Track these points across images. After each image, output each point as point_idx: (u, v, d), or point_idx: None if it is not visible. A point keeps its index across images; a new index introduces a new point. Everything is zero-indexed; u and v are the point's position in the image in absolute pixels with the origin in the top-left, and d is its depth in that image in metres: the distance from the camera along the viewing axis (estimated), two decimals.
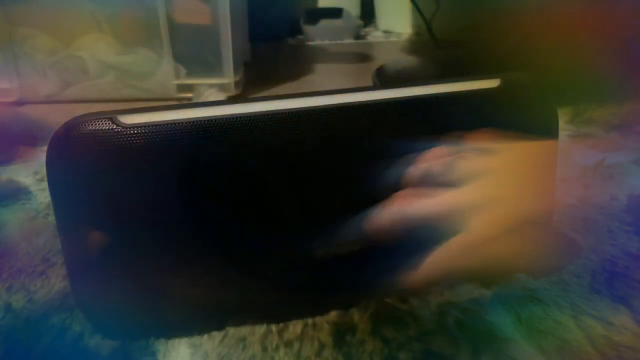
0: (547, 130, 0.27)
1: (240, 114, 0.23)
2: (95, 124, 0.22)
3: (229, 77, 0.67)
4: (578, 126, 0.51)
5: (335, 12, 1.19)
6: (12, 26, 0.64)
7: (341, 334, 0.25)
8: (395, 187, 0.24)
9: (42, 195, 0.39)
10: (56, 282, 0.29)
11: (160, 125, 0.22)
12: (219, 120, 0.23)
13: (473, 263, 0.24)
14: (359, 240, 0.25)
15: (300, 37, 1.15)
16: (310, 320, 0.26)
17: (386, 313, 0.26)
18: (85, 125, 0.22)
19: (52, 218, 0.36)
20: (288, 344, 0.25)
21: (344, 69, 0.90)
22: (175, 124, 0.22)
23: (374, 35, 1.19)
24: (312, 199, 0.24)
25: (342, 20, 1.18)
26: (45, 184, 0.23)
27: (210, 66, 0.67)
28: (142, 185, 0.23)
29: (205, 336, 0.25)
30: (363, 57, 0.98)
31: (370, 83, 0.73)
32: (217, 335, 0.25)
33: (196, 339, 0.25)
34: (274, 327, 0.26)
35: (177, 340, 0.25)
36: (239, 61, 0.70)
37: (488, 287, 0.28)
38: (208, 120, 0.22)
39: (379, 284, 0.27)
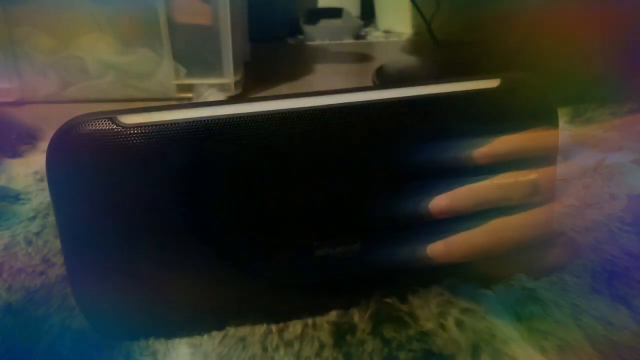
0: (547, 130, 0.27)
1: (240, 114, 0.23)
2: (95, 124, 0.22)
3: (229, 77, 0.67)
4: (578, 126, 0.51)
5: (335, 12, 1.19)
6: (12, 26, 0.64)
7: (341, 334, 0.25)
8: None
9: (42, 195, 0.39)
10: (56, 282, 0.29)
11: (160, 125, 0.22)
12: (219, 120, 0.23)
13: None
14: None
15: (300, 37, 1.15)
16: (310, 320, 0.26)
17: (386, 313, 0.26)
18: (85, 125, 0.22)
19: (52, 218, 0.36)
20: (288, 344, 0.25)
21: (344, 69, 0.90)
22: (175, 124, 0.22)
23: (374, 35, 1.19)
24: (312, 199, 0.24)
25: (342, 20, 1.18)
26: (45, 184, 0.23)
27: (210, 66, 0.67)
28: (142, 185, 0.23)
29: (205, 336, 0.25)
30: (363, 57, 0.98)
31: (370, 83, 0.73)
32: (217, 335, 0.25)
33: (196, 339, 0.25)
34: (274, 327, 0.26)
35: (177, 340, 0.25)
36: (239, 61, 0.70)
37: (488, 287, 0.28)
38: (208, 120, 0.22)
39: (379, 283, 0.27)
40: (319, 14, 1.18)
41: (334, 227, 0.25)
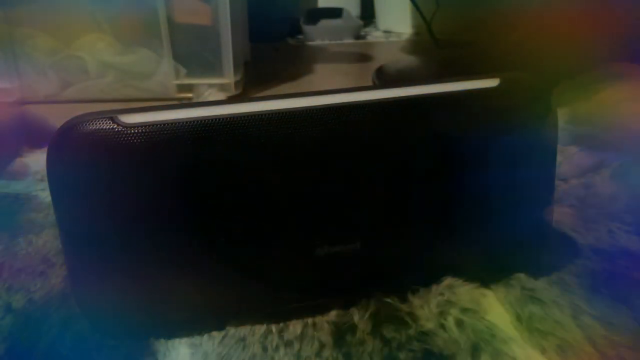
0: (547, 130, 0.27)
1: (240, 113, 0.23)
2: (96, 124, 0.22)
3: (229, 77, 0.67)
4: (578, 126, 0.51)
5: (335, 12, 1.19)
6: (12, 26, 0.64)
7: (341, 334, 0.25)
8: None
9: (42, 195, 0.39)
10: (56, 282, 0.29)
11: (160, 124, 0.22)
12: (219, 119, 0.23)
13: None
14: None
15: (300, 37, 1.15)
16: (310, 320, 0.26)
17: (386, 313, 0.26)
18: (85, 124, 0.22)
19: (52, 218, 0.36)
20: (288, 344, 0.25)
21: (344, 69, 0.90)
22: (175, 123, 0.22)
23: (374, 35, 1.19)
24: (312, 198, 0.24)
25: (342, 20, 1.18)
26: (45, 184, 0.23)
27: (210, 66, 0.67)
28: (142, 184, 0.23)
29: (205, 336, 0.25)
30: (363, 57, 0.98)
31: (370, 83, 0.73)
32: (217, 335, 0.25)
33: (196, 339, 0.25)
34: (274, 327, 0.26)
35: (177, 340, 0.25)
36: (239, 61, 0.70)
37: (488, 287, 0.28)
38: (208, 120, 0.22)
39: (379, 283, 0.27)
40: (319, 14, 1.18)
41: (334, 226, 0.25)
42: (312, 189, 0.24)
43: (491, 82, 0.26)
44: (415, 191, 0.26)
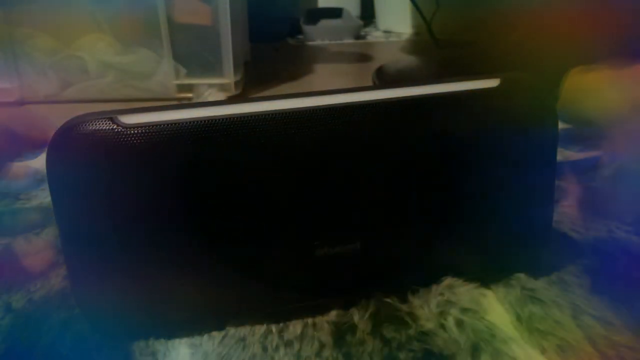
0: (547, 130, 0.27)
1: (240, 114, 0.23)
2: (96, 124, 0.22)
3: (229, 77, 0.67)
4: (578, 126, 0.51)
5: (335, 12, 1.19)
6: (12, 26, 0.64)
7: (341, 334, 0.25)
8: None
9: (42, 195, 0.39)
10: (56, 282, 0.29)
11: (160, 125, 0.22)
12: (219, 120, 0.23)
13: None
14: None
15: (300, 37, 1.15)
16: (310, 320, 0.26)
17: (386, 313, 0.26)
18: (85, 125, 0.22)
19: (52, 218, 0.36)
20: (288, 344, 0.25)
21: (344, 69, 0.90)
22: (175, 123, 0.22)
23: (374, 35, 1.19)
24: (312, 199, 0.25)
25: (342, 20, 1.18)
26: (45, 184, 0.23)
27: (210, 66, 0.67)
28: (142, 185, 0.23)
29: (205, 336, 0.25)
30: (363, 57, 0.98)
31: (370, 83, 0.73)
32: (217, 335, 0.25)
33: (196, 339, 0.25)
34: (274, 327, 0.26)
35: (177, 340, 0.25)
36: (239, 61, 0.70)
37: (488, 287, 0.28)
38: (208, 120, 0.22)
39: (379, 283, 0.27)
40: (319, 14, 1.18)
41: (334, 226, 0.25)
42: (312, 189, 0.24)
43: (491, 82, 0.26)
44: (415, 191, 0.26)
